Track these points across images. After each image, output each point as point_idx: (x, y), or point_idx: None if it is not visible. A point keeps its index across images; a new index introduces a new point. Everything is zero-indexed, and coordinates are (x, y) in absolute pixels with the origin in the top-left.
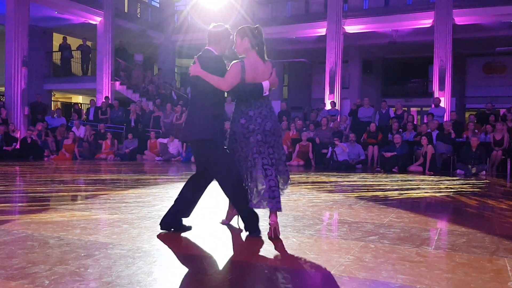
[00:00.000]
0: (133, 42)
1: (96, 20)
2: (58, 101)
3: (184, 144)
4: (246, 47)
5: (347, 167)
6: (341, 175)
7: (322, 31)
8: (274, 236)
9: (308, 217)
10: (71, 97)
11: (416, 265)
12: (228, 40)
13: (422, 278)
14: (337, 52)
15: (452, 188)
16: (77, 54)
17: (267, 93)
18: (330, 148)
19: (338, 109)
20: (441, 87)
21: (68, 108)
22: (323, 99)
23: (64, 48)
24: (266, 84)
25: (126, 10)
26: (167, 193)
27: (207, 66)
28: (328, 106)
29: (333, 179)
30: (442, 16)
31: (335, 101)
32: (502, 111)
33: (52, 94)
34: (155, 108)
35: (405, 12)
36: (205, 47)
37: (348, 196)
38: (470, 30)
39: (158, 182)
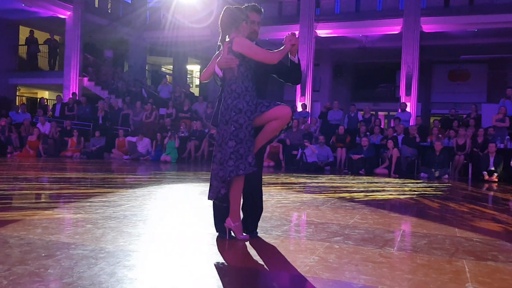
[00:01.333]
0: (103, 37)
1: (65, 14)
2: (23, 96)
3: (154, 142)
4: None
5: (316, 169)
6: (310, 176)
7: None
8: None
9: (276, 218)
10: (37, 93)
11: (379, 266)
12: (247, 21)
13: (383, 278)
14: (308, 55)
15: (415, 191)
16: (44, 49)
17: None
18: (300, 150)
19: (308, 112)
20: (408, 93)
21: (34, 104)
22: (295, 101)
23: (31, 42)
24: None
25: (96, 5)
26: (134, 193)
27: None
28: (299, 108)
29: (302, 180)
30: (410, 23)
31: (306, 103)
32: (464, 116)
33: (17, 89)
34: (124, 105)
35: (375, 18)
36: (229, 38)
37: (316, 197)
38: (437, 37)
39: (126, 182)
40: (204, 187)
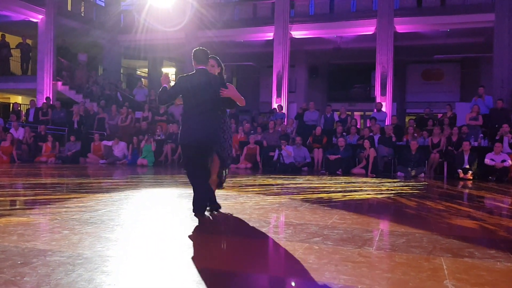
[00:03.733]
0: (76, 41)
1: (37, 17)
2: None
3: (130, 146)
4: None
5: (293, 170)
6: (288, 177)
7: (269, 36)
8: None
9: (255, 219)
10: (9, 97)
11: (358, 266)
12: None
13: (363, 278)
14: (284, 57)
15: (392, 190)
16: (16, 53)
17: None
18: (277, 151)
19: (285, 113)
20: (383, 93)
21: (6, 109)
22: (271, 102)
23: (2, 46)
24: None
25: (69, 8)
26: (110, 198)
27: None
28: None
29: (279, 181)
30: (384, 24)
31: (282, 104)
32: (439, 115)
33: None
34: (100, 109)
35: (349, 19)
36: (199, 67)
37: (294, 198)
38: (410, 38)
39: (102, 186)
40: (182, 190)
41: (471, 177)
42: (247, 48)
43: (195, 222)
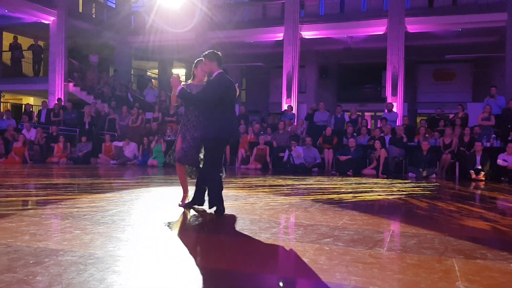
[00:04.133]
0: (87, 42)
1: (49, 19)
2: (8, 102)
3: (141, 147)
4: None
5: (303, 170)
6: (298, 178)
7: (279, 36)
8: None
9: (265, 220)
10: (21, 99)
11: (369, 267)
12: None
13: (374, 279)
14: (294, 57)
15: (404, 191)
16: (28, 54)
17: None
18: (287, 152)
19: (295, 113)
20: (394, 93)
21: (19, 110)
22: (281, 103)
23: (15, 47)
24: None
25: (80, 10)
26: (121, 198)
27: None
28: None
29: (289, 182)
30: (395, 24)
31: (292, 105)
32: (451, 116)
33: (2, 95)
34: (111, 110)
35: (360, 19)
36: (221, 69)
37: (304, 199)
38: (422, 37)
39: (113, 187)
40: (191, 191)
41: (483, 178)
42: (257, 48)
43: (204, 222)
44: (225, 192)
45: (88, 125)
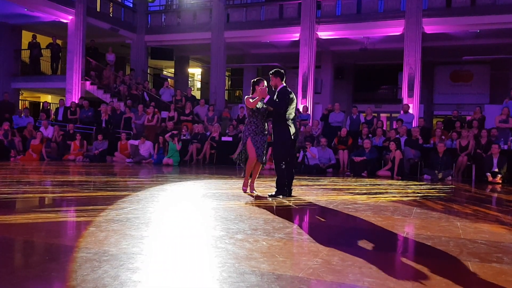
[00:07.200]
0: (104, 41)
1: (67, 18)
2: (26, 100)
3: (156, 145)
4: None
5: (318, 171)
6: (312, 179)
7: (295, 36)
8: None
9: (279, 220)
10: (39, 96)
11: (382, 268)
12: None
13: (387, 281)
14: (310, 57)
15: (419, 193)
16: (46, 53)
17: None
18: (302, 152)
19: (310, 114)
20: (410, 94)
21: (36, 108)
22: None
23: (34, 46)
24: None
25: (98, 9)
26: (136, 196)
27: None
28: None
29: (304, 182)
30: (412, 24)
31: (307, 105)
32: (468, 118)
33: (20, 93)
34: (127, 109)
35: (377, 19)
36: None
37: (319, 200)
38: (439, 38)
39: (128, 185)
40: (206, 189)
41: (500, 181)
42: (272, 48)
43: (218, 221)
44: (238, 193)
45: (104, 124)
